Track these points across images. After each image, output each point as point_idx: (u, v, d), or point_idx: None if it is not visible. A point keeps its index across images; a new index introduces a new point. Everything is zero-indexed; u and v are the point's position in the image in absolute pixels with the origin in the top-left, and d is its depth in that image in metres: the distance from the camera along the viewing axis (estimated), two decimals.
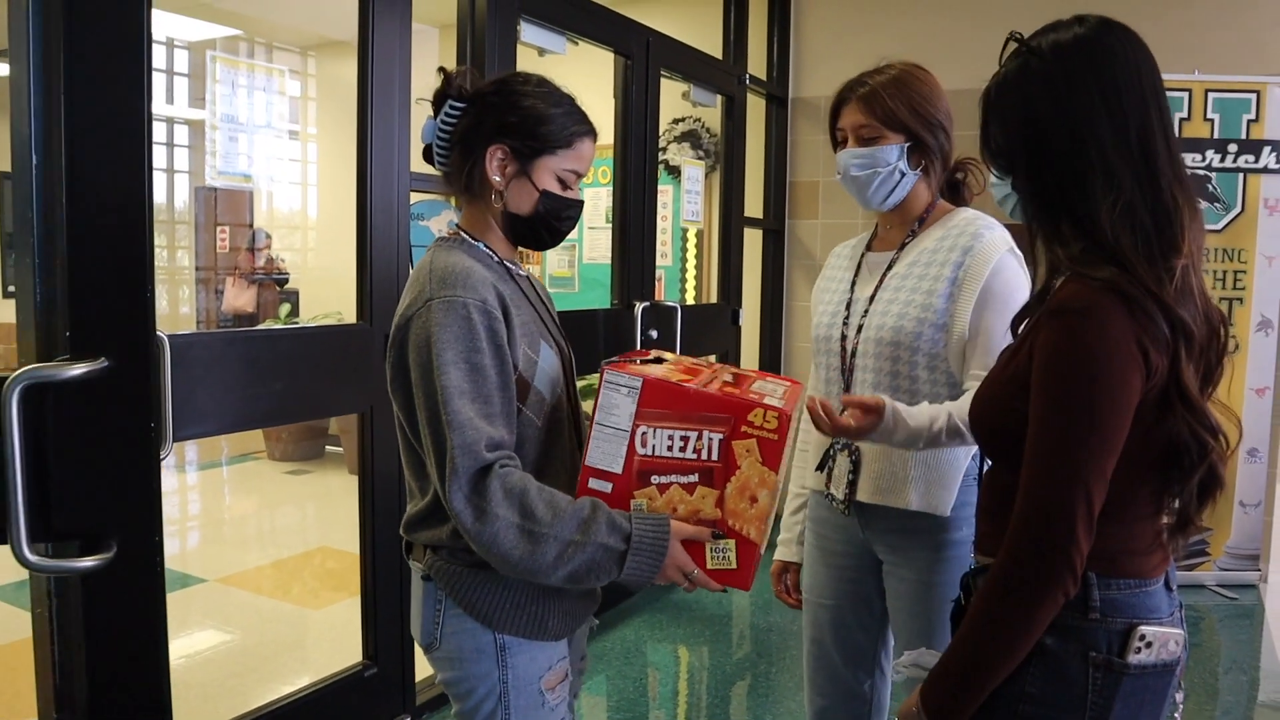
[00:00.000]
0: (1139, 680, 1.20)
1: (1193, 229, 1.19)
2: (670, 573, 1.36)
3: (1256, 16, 4.26)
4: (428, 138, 1.51)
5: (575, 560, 1.32)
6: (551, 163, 1.47)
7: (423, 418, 1.35)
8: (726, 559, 1.38)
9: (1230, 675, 3.46)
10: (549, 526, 1.31)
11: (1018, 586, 1.15)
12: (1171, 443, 1.17)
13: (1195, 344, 1.17)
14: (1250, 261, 4.16)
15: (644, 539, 1.34)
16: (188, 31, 6.55)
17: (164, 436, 1.98)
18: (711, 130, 5.35)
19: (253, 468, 6.66)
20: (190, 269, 7.05)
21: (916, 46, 4.74)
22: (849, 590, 1.90)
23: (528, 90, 1.46)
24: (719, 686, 3.37)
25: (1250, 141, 4.12)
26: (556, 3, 3.37)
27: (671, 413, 1.35)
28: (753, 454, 1.34)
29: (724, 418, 1.34)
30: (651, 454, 1.36)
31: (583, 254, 5.85)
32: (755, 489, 1.35)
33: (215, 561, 4.71)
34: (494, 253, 1.50)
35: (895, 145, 1.75)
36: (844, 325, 1.83)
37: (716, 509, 1.36)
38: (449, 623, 1.45)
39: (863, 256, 1.89)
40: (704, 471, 1.36)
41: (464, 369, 1.33)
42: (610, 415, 1.36)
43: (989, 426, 1.29)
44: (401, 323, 1.40)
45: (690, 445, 1.35)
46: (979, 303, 1.68)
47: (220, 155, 2.28)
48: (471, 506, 1.30)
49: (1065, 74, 1.20)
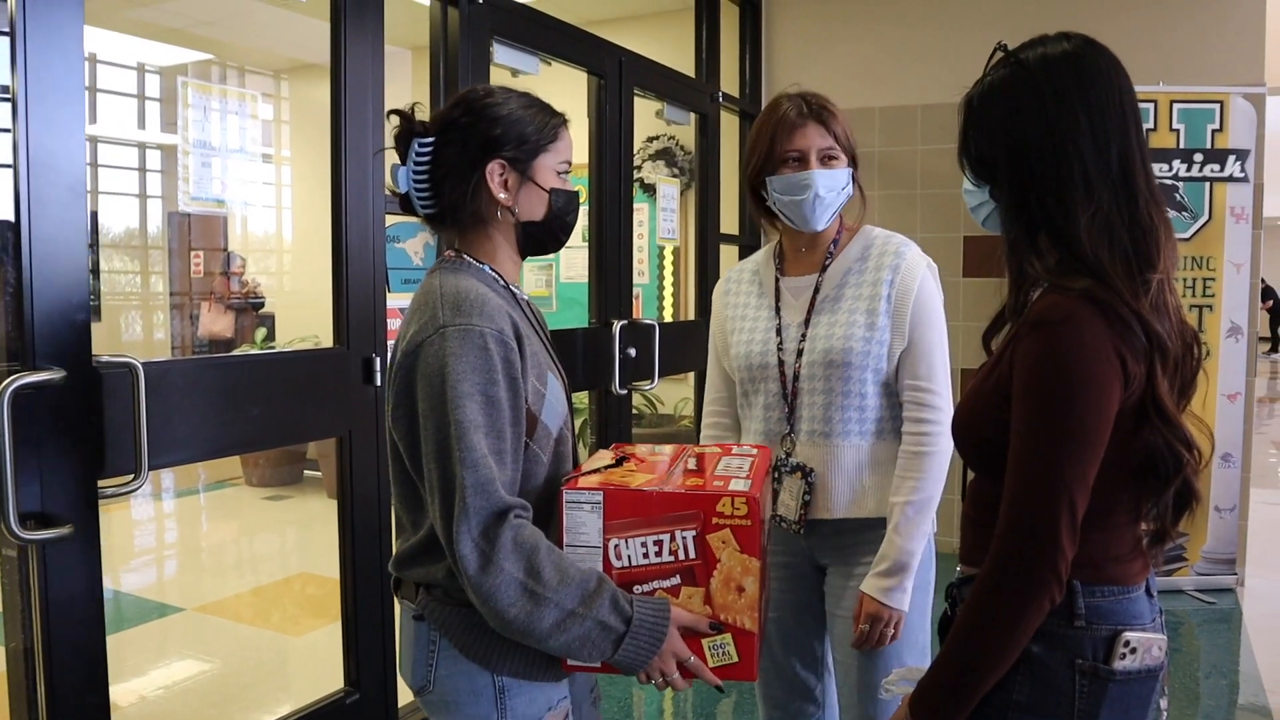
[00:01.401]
0: (1125, 686, 1.20)
1: (1167, 248, 1.21)
2: (666, 661, 1.31)
3: (1219, 28, 4.33)
4: (405, 186, 1.42)
5: (571, 632, 1.26)
6: (547, 160, 1.43)
7: (429, 450, 1.28)
8: (727, 653, 1.35)
9: (1210, 679, 3.49)
10: (553, 591, 1.24)
11: (1004, 593, 1.16)
12: (1148, 453, 1.18)
13: (1170, 358, 1.18)
14: (1219, 269, 4.22)
15: (644, 622, 1.29)
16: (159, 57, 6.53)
17: (140, 465, 1.96)
18: (686, 148, 5.38)
19: (230, 494, 6.60)
20: (164, 294, 7.00)
21: (885, 63, 4.80)
22: (790, 600, 1.93)
23: (494, 100, 1.41)
24: (704, 704, 3.36)
25: (1215, 151, 4.19)
26: (529, 24, 3.38)
27: (639, 519, 1.31)
28: (729, 544, 1.31)
29: (692, 514, 1.31)
30: (628, 565, 1.32)
31: (560, 273, 5.86)
32: (740, 578, 1.32)
33: (193, 590, 4.66)
34: (500, 276, 1.44)
35: (845, 169, 1.81)
36: (779, 351, 1.85)
37: (706, 606, 1.33)
38: (443, 664, 1.38)
39: (778, 281, 1.91)
40: (684, 571, 1.32)
41: (480, 402, 1.27)
42: (579, 535, 1.31)
43: (972, 438, 1.30)
44: (410, 348, 1.32)
45: (665, 548, 1.31)
46: (912, 316, 1.77)
47: (193, 180, 2.27)
48: (478, 553, 1.23)
49: (1053, 89, 1.21)
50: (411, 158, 1.40)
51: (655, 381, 4.11)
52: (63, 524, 1.83)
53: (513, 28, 3.26)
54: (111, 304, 6.86)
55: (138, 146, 7.04)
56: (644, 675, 1.32)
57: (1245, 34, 4.31)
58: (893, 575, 1.73)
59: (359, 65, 2.58)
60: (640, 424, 5.21)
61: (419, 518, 1.38)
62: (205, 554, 5.55)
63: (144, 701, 3.33)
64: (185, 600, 4.40)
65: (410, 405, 1.31)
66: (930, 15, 4.76)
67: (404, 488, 1.40)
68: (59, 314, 1.84)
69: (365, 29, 2.60)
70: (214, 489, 6.72)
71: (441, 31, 2.98)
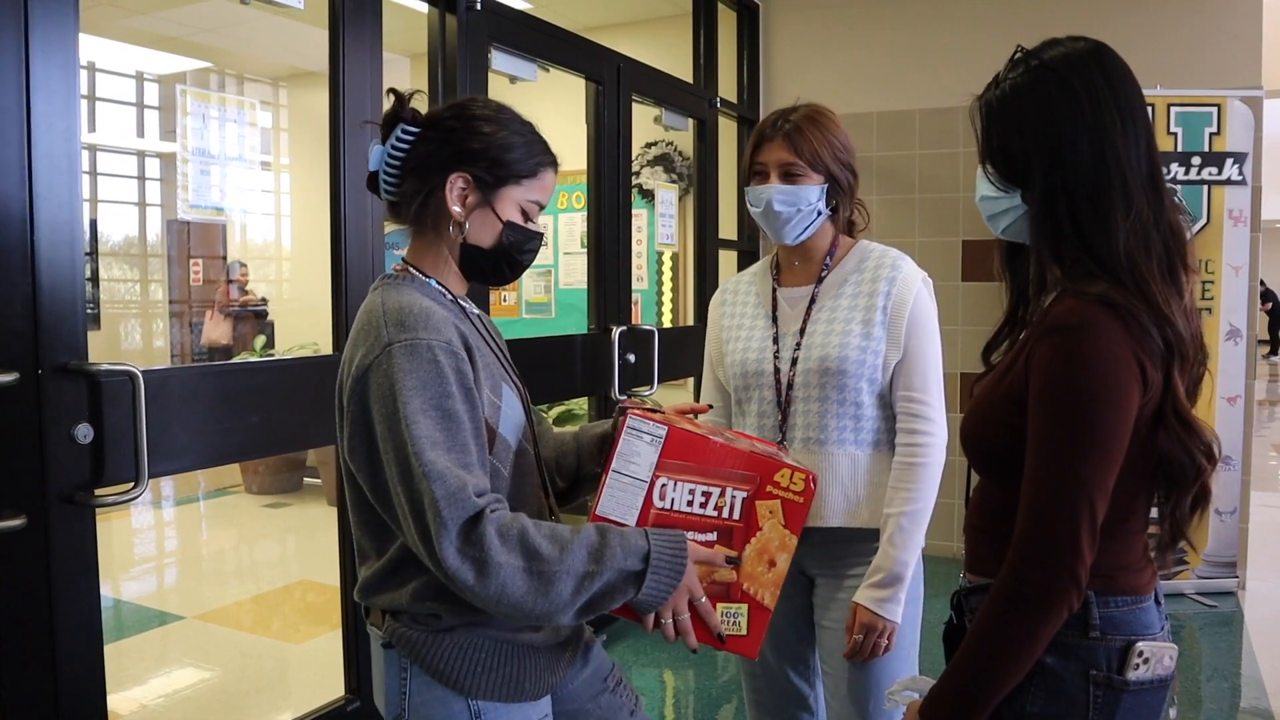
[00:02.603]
0: (1138, 697, 1.20)
1: (1191, 248, 1.21)
2: (680, 598, 1.28)
3: (1216, 31, 4.34)
4: (376, 164, 1.39)
5: (592, 589, 1.22)
6: (516, 193, 1.38)
7: (393, 474, 1.23)
8: (738, 624, 1.32)
9: (1213, 683, 3.48)
10: (559, 563, 1.21)
11: (1023, 602, 1.14)
12: (1164, 460, 1.17)
13: (1188, 363, 1.17)
14: (1217, 272, 4.22)
15: (662, 556, 1.25)
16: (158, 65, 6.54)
17: (140, 473, 1.96)
18: (684, 153, 5.39)
19: (230, 502, 6.60)
20: (164, 303, 7.00)
21: (883, 68, 4.81)
22: (782, 607, 1.90)
23: (489, 116, 1.38)
24: (705, 710, 3.35)
25: (1213, 154, 4.19)
26: (527, 30, 3.39)
27: (695, 466, 1.28)
28: (776, 515, 1.29)
29: (750, 475, 1.29)
30: (670, 508, 1.29)
31: (559, 279, 5.86)
32: (775, 552, 1.30)
33: (193, 598, 4.65)
34: (447, 290, 1.40)
35: (816, 186, 1.81)
36: (775, 359, 1.86)
37: (733, 571, 1.30)
38: (416, 692, 1.33)
39: (775, 292, 1.92)
40: (723, 531, 1.29)
41: (435, 416, 1.22)
42: (630, 464, 1.28)
43: (983, 444, 1.29)
44: (359, 373, 1.27)
45: (712, 502, 1.29)
46: (907, 329, 1.78)
47: (192, 188, 2.27)
48: (469, 561, 1.18)
49: (1087, 88, 1.19)
50: (391, 141, 1.37)
51: (655, 387, 4.11)
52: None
53: (511, 34, 3.27)
54: (111, 312, 6.86)
55: (137, 154, 7.05)
56: (653, 618, 1.29)
57: (1242, 37, 4.31)
58: (887, 586, 1.73)
59: (357, 73, 2.58)
60: None
61: (382, 544, 1.35)
62: (205, 562, 5.54)
63: (144, 710, 3.32)
64: (185, 608, 4.39)
65: (367, 431, 1.27)
66: (928, 20, 4.76)
67: (363, 514, 1.35)
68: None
69: (363, 36, 2.60)
70: (214, 496, 6.71)
71: (440, 38, 2.99)
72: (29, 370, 1.82)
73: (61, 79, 1.87)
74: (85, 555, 1.94)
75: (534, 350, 3.65)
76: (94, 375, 1.92)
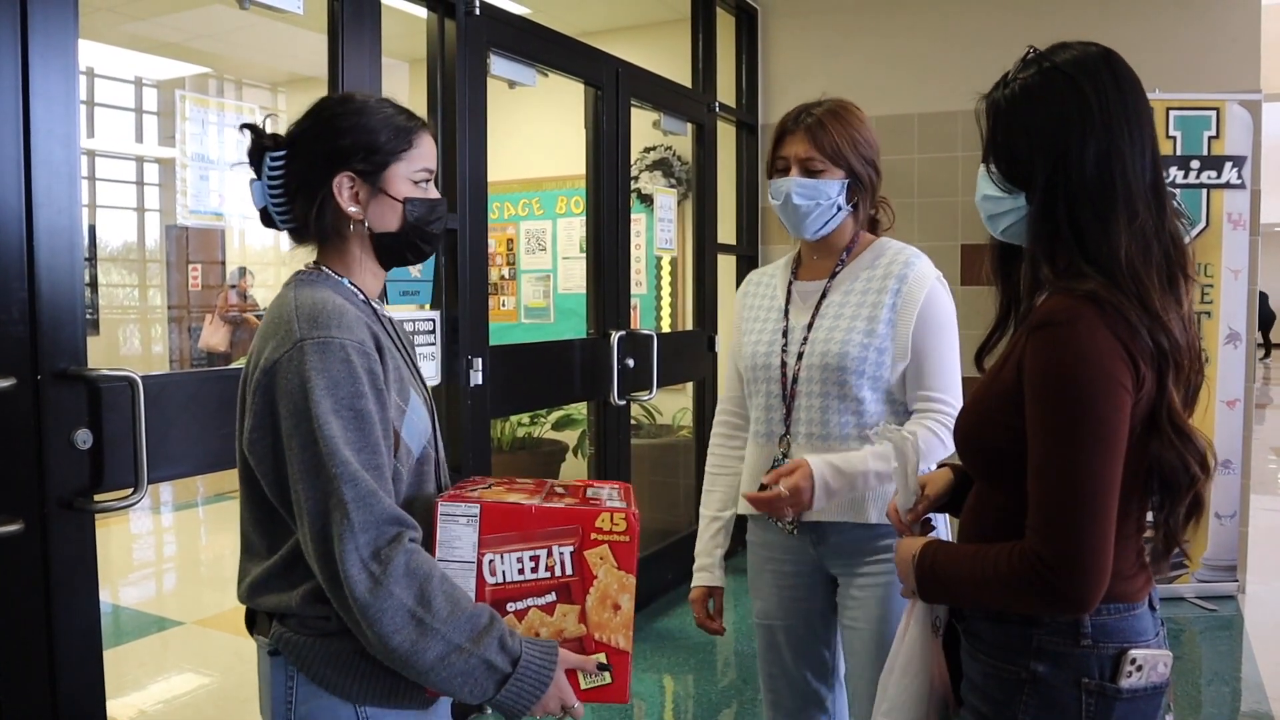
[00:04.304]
0: (1131, 704, 1.20)
1: (1190, 254, 1.21)
2: (549, 704, 1.27)
3: (1215, 35, 4.34)
4: (260, 200, 1.37)
5: (454, 667, 1.21)
6: (401, 169, 1.37)
7: (296, 471, 1.21)
8: (602, 675, 1.33)
9: (1213, 687, 3.48)
10: (442, 623, 1.20)
11: (1041, 592, 1.14)
12: (1159, 466, 1.17)
13: (1183, 371, 1.17)
14: (1216, 276, 4.22)
15: (530, 666, 1.24)
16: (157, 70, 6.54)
17: (139, 479, 1.95)
18: (683, 158, 5.39)
19: (229, 507, 6.58)
20: (163, 308, 7.00)
21: (882, 72, 4.81)
22: (804, 608, 1.93)
23: (345, 110, 1.36)
24: (704, 715, 3.35)
25: (1212, 158, 4.20)
26: (526, 35, 3.39)
27: (516, 534, 1.29)
28: (607, 560, 1.30)
29: (571, 529, 1.29)
30: (502, 581, 1.29)
31: (558, 284, 5.86)
32: (616, 595, 1.31)
33: (192, 603, 4.64)
34: (359, 290, 1.39)
35: (837, 181, 1.82)
36: (783, 352, 1.86)
37: (580, 624, 1.31)
38: (302, 701, 1.30)
39: (791, 285, 1.92)
40: (560, 588, 1.30)
41: (347, 416, 1.21)
42: (453, 549, 1.28)
43: (980, 446, 1.28)
44: (268, 366, 1.25)
45: (541, 564, 1.29)
46: (917, 328, 1.77)
47: (191, 193, 2.27)
48: (367, 574, 1.17)
49: (1097, 93, 1.19)
50: (265, 171, 1.36)
51: (654, 392, 4.11)
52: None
53: (510, 39, 3.27)
54: (110, 317, 6.87)
55: (136, 160, 7.05)
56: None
57: (1241, 41, 4.32)
58: (840, 477, 1.71)
59: (356, 78, 2.58)
60: (639, 435, 5.20)
61: (274, 541, 1.32)
62: (204, 567, 5.54)
63: (143, 716, 3.31)
64: (185, 614, 4.38)
65: (271, 426, 1.25)
66: (926, 25, 4.77)
67: (256, 510, 1.33)
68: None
69: (362, 42, 2.60)
70: (212, 502, 6.70)
71: (439, 44, 2.99)
72: (28, 376, 1.82)
73: (60, 84, 1.87)
74: (84, 561, 1.93)
75: (533, 355, 3.65)
76: (93, 381, 1.91)
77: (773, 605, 1.95)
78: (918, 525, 1.43)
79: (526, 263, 5.95)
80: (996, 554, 1.19)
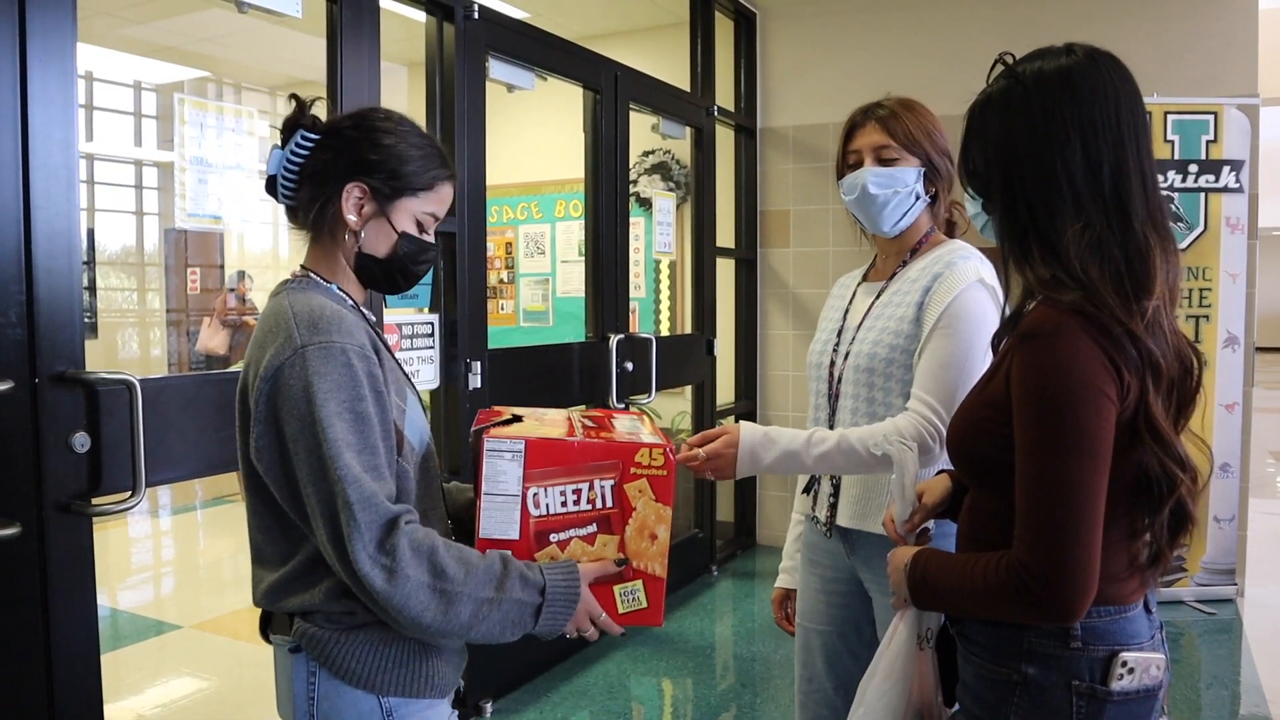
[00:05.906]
0: (1123, 707, 1.19)
1: (1167, 269, 1.20)
2: (580, 619, 1.34)
3: (1212, 39, 4.35)
4: (274, 169, 1.40)
5: (491, 618, 1.26)
6: (412, 205, 1.39)
7: (305, 475, 1.24)
8: (637, 599, 1.39)
9: (1212, 690, 3.48)
10: (462, 585, 1.24)
11: (1028, 602, 1.14)
12: (1142, 473, 1.17)
13: (1164, 378, 1.17)
14: (1215, 279, 4.23)
15: (557, 589, 1.30)
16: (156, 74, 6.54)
17: (138, 482, 1.95)
18: (682, 162, 5.39)
19: (228, 510, 6.58)
20: (161, 311, 7.00)
21: (880, 75, 4.82)
22: (840, 615, 1.90)
23: (389, 127, 1.38)
24: (706, 711, 3.34)
25: (1210, 162, 4.20)
26: (525, 39, 3.40)
27: (559, 469, 1.34)
28: (645, 493, 1.36)
29: (612, 464, 1.35)
30: (546, 513, 1.35)
31: (557, 288, 5.86)
32: (653, 526, 1.37)
33: (190, 607, 4.63)
34: (348, 295, 1.41)
35: (913, 168, 1.76)
36: (834, 352, 1.85)
37: (620, 553, 1.37)
38: (325, 696, 1.32)
39: (859, 285, 1.91)
40: (601, 520, 1.36)
41: (349, 419, 1.24)
42: (498, 483, 1.33)
43: (970, 453, 1.29)
44: (268, 373, 1.26)
45: (583, 497, 1.35)
46: (934, 326, 1.67)
47: (189, 197, 2.27)
48: (380, 568, 1.20)
49: (1043, 104, 1.21)
50: (291, 146, 1.38)
51: (653, 395, 4.11)
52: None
53: (508, 43, 3.27)
54: (108, 321, 6.86)
55: (134, 163, 7.05)
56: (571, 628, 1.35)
57: (1238, 45, 4.33)
58: (770, 447, 1.65)
59: (355, 82, 2.58)
60: None
61: (288, 547, 1.34)
62: (203, 571, 5.53)
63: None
64: (183, 618, 4.38)
65: (275, 432, 1.27)
66: (924, 28, 4.78)
67: (266, 518, 1.35)
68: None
69: (361, 46, 2.60)
70: (211, 505, 6.70)
71: (437, 48, 2.99)
72: (26, 379, 1.82)
73: (59, 88, 1.87)
74: (82, 564, 1.93)
75: (532, 358, 3.65)
76: (91, 384, 1.92)
77: (810, 607, 1.94)
78: (913, 535, 1.44)
79: (525, 266, 5.95)
80: (985, 563, 1.20)
